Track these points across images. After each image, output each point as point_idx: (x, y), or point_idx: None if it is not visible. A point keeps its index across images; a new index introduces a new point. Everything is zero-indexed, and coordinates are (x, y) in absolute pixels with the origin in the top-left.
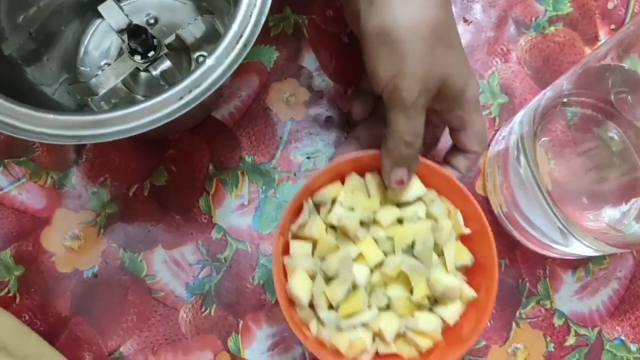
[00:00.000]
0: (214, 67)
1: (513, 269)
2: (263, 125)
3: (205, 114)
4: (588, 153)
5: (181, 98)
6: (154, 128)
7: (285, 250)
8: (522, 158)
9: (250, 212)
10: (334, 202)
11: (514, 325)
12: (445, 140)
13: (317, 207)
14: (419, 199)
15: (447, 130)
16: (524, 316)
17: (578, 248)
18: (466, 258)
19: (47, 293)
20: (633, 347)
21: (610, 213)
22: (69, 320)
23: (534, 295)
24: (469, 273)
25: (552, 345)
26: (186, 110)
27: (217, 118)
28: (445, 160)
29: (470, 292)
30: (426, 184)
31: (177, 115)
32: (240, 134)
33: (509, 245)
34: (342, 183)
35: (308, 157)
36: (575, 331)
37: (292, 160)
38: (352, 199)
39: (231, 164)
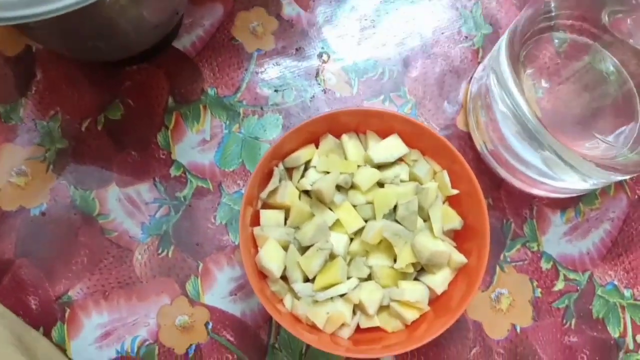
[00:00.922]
0: None
1: (497, 209)
2: (227, 56)
3: (160, 36)
4: (579, 80)
5: None
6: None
7: (255, 221)
8: (508, 86)
9: (213, 148)
10: (307, 166)
11: (497, 269)
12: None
13: (289, 172)
14: (401, 159)
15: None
16: (508, 259)
17: (568, 181)
18: (454, 221)
19: None
20: (627, 293)
21: (601, 141)
22: (13, 263)
23: (520, 237)
24: (458, 237)
25: (539, 290)
26: None
27: (178, 48)
28: None
29: (459, 258)
30: (409, 142)
31: None
32: (202, 65)
33: (493, 184)
34: (316, 146)
35: (276, 90)
36: (565, 275)
37: (258, 93)
38: (327, 162)
39: (192, 97)
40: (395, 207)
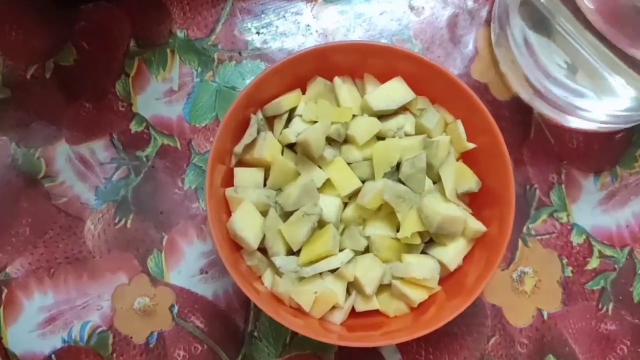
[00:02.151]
0: None
1: (519, 172)
2: None
3: None
4: None
5: None
6: None
7: (228, 182)
8: None
9: (181, 99)
10: (291, 115)
11: (520, 243)
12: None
13: (269, 121)
14: (405, 108)
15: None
16: (533, 232)
17: (608, 101)
18: (471, 182)
19: None
20: None
21: None
22: None
23: (546, 206)
24: (475, 202)
25: (570, 269)
26: None
27: None
28: None
29: (476, 225)
30: (415, 87)
31: None
32: (170, 2)
33: (514, 141)
34: (303, 91)
35: (258, 33)
36: (600, 252)
37: (236, 35)
38: (316, 109)
39: (158, 40)
40: (398, 165)
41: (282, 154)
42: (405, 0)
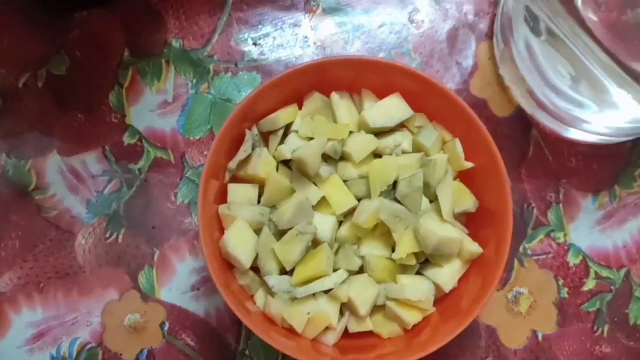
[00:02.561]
0: None
1: (516, 191)
2: (197, 1)
3: None
4: None
5: None
6: None
7: (221, 198)
8: (549, 5)
9: (175, 111)
10: (287, 130)
11: (516, 263)
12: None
13: (264, 137)
14: (402, 125)
15: None
16: (529, 252)
17: (610, 113)
18: (468, 202)
19: None
20: None
21: None
22: None
23: (543, 226)
24: (472, 222)
25: (566, 290)
26: None
27: None
28: None
29: (473, 247)
30: (413, 104)
31: None
32: (166, 12)
33: (512, 159)
34: (299, 106)
35: (255, 44)
36: (596, 273)
37: (233, 46)
38: (313, 125)
39: (153, 50)
40: (395, 184)
41: (277, 170)
42: (404, 13)
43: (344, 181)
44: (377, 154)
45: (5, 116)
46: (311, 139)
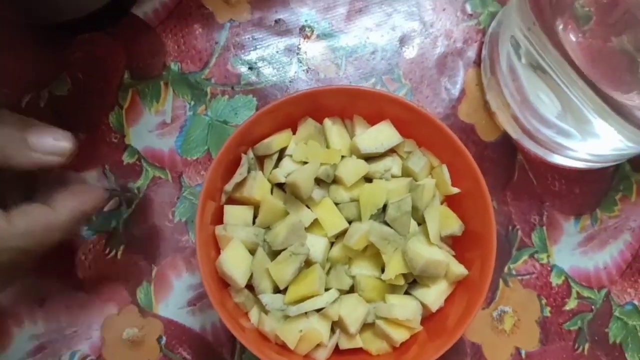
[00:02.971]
0: None
1: (502, 213)
2: (195, 26)
3: None
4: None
5: None
6: None
7: (218, 219)
8: (533, 36)
9: (174, 132)
10: (281, 154)
11: (501, 283)
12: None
13: (260, 160)
14: (392, 150)
15: None
16: (513, 272)
17: (591, 142)
18: (454, 225)
19: None
20: None
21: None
22: None
23: (527, 247)
24: (458, 245)
25: (548, 309)
26: None
27: (138, 15)
28: None
29: (459, 269)
30: (402, 131)
31: None
32: (165, 36)
33: (497, 183)
34: (293, 131)
35: (250, 68)
36: (578, 293)
37: (229, 70)
38: (306, 150)
39: (152, 73)
40: (384, 207)
41: (271, 193)
42: (395, 40)
43: (336, 204)
44: (367, 178)
45: None
46: (305, 163)
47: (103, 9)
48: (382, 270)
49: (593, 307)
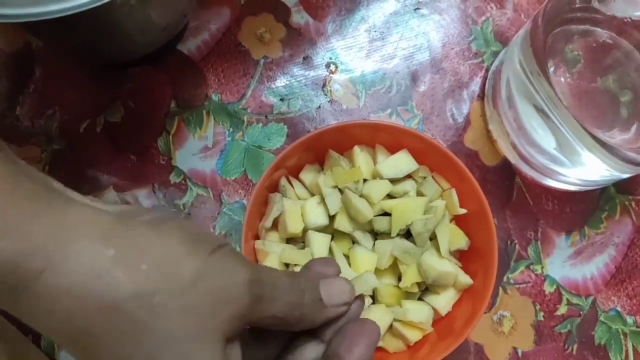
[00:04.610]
0: None
1: (501, 229)
2: (233, 62)
3: (166, 38)
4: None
5: None
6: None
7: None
8: (529, 77)
9: (215, 155)
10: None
11: (500, 290)
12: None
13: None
14: (409, 175)
15: None
16: (512, 281)
17: (580, 169)
18: (461, 241)
19: None
20: (629, 320)
21: (621, 132)
22: None
23: (524, 259)
24: (464, 258)
25: (542, 314)
26: None
27: (183, 52)
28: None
29: (465, 279)
30: (417, 158)
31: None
32: (207, 70)
33: (498, 204)
34: (320, 159)
35: (282, 99)
36: (568, 300)
37: (263, 101)
38: (332, 175)
39: (196, 102)
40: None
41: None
42: (409, 76)
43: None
44: (390, 197)
45: (69, 157)
46: (335, 187)
47: (154, 50)
48: (398, 280)
49: (581, 312)
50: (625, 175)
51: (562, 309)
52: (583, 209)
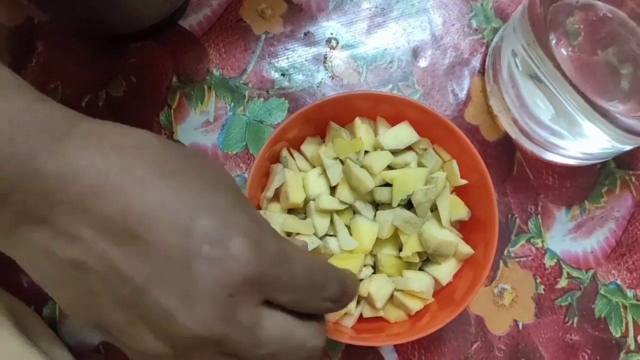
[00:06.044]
0: None
1: (502, 204)
2: (234, 37)
3: (168, 11)
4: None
5: None
6: None
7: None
8: (531, 49)
9: (216, 130)
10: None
11: (501, 264)
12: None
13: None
14: (410, 147)
15: None
16: (512, 255)
17: (580, 142)
18: (462, 212)
19: None
20: (629, 293)
21: (622, 104)
22: None
23: (524, 233)
24: (465, 229)
25: (542, 287)
26: None
27: (184, 27)
28: None
29: (466, 249)
30: (418, 130)
31: None
32: (209, 45)
33: (499, 177)
34: (321, 131)
35: (283, 74)
36: (568, 273)
37: (264, 76)
38: (334, 147)
39: (197, 77)
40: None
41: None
42: (410, 51)
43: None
44: (391, 168)
45: None
46: (336, 158)
47: (156, 23)
48: (400, 250)
49: (581, 286)
50: (626, 148)
51: (562, 283)
52: (583, 183)
